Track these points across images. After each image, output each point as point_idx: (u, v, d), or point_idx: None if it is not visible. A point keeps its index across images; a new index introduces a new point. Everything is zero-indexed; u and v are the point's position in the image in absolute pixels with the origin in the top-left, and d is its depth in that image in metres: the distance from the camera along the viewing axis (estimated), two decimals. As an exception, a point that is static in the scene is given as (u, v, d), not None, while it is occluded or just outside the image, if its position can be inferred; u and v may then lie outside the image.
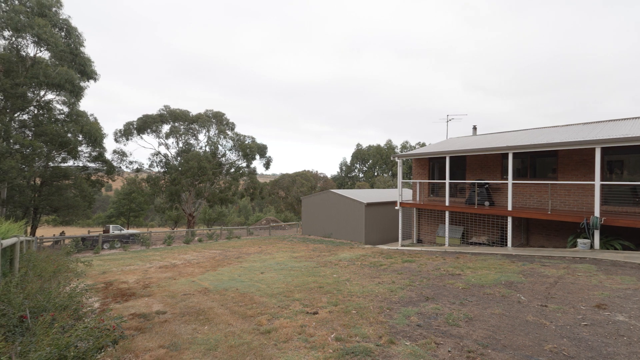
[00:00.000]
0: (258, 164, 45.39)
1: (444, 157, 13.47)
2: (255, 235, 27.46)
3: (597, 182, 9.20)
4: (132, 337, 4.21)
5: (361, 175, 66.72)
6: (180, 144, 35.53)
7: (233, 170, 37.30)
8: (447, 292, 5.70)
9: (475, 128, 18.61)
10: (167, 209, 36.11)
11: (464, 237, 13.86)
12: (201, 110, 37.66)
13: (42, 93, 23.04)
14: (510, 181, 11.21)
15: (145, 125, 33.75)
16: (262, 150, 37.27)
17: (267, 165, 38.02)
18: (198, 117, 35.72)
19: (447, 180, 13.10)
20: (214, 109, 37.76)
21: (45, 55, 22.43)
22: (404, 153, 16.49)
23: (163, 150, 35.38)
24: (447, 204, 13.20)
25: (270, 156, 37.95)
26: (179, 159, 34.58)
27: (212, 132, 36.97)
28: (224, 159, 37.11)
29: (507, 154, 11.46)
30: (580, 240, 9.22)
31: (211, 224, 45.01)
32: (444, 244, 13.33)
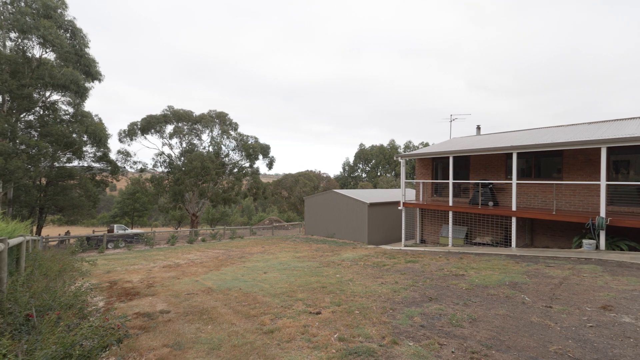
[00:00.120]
0: (261, 164, 45.42)
1: (448, 157, 13.41)
2: (258, 235, 27.52)
3: (603, 182, 9.11)
4: (137, 336, 4.23)
5: (364, 175, 66.61)
6: (184, 144, 35.70)
7: (236, 170, 37.41)
8: (451, 293, 5.67)
9: (479, 128, 18.50)
10: (171, 209, 36.30)
11: (468, 238, 13.79)
12: (204, 111, 37.85)
13: (48, 94, 23.26)
14: (514, 181, 11.13)
15: (149, 125, 33.95)
16: (265, 150, 37.34)
17: (270, 165, 38.09)
18: (201, 118, 35.87)
19: (451, 180, 13.04)
20: (217, 109, 37.94)
21: (50, 56, 22.66)
22: (407, 153, 16.44)
23: (167, 150, 35.63)
24: (451, 204, 13.13)
25: (273, 156, 38.05)
26: (183, 159, 34.74)
27: (216, 132, 37.11)
28: (227, 159, 37.23)
29: (512, 153, 11.39)
30: (585, 241, 9.13)
31: (214, 223, 45.18)
32: (448, 244, 13.27)
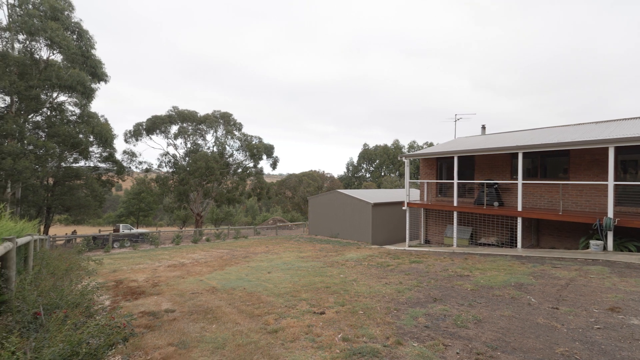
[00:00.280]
0: (265, 164, 45.53)
1: (452, 157, 13.33)
2: (262, 235, 27.60)
3: (611, 182, 9.00)
4: (142, 335, 4.26)
5: (368, 175, 66.47)
6: (189, 145, 35.93)
7: (240, 170, 37.56)
8: (456, 294, 5.64)
9: (484, 127, 18.37)
10: (176, 209, 36.56)
11: (473, 238, 13.70)
12: (209, 111, 38.08)
13: (55, 95, 23.55)
14: (520, 181, 11.03)
15: (154, 126, 34.23)
16: (269, 150, 37.44)
17: (274, 165, 38.17)
18: (206, 118, 36.07)
19: (456, 180, 12.96)
20: (221, 109, 38.14)
21: (57, 57, 22.94)
22: (412, 153, 16.38)
23: (171, 150, 35.84)
24: (456, 204, 13.06)
25: (277, 156, 38.13)
26: (187, 159, 34.97)
27: (220, 133, 37.30)
28: (231, 159, 37.39)
29: (517, 153, 11.29)
30: (592, 242, 9.02)
31: (219, 223, 45.39)
32: (452, 245, 13.20)
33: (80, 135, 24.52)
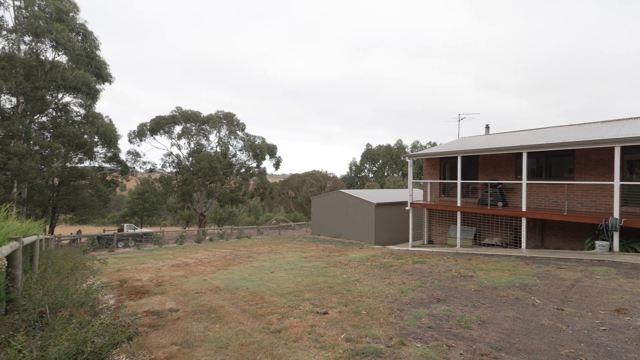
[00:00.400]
0: (268, 164, 45.66)
1: (456, 157, 13.26)
2: (265, 235, 27.65)
3: (617, 182, 8.90)
4: (146, 334, 4.29)
5: (371, 175, 66.35)
6: (192, 145, 36.09)
7: (243, 170, 37.67)
8: (459, 294, 5.61)
9: (487, 127, 18.27)
10: (179, 209, 36.73)
11: (476, 239, 13.62)
12: (212, 111, 38.18)
13: (60, 96, 23.77)
14: (524, 181, 10.95)
15: (158, 126, 34.42)
16: (272, 150, 37.51)
17: (277, 165, 38.24)
18: (209, 118, 36.21)
19: (459, 181, 12.89)
20: (224, 109, 38.29)
21: (62, 59, 23.14)
22: (415, 153, 16.32)
23: (175, 150, 36.04)
24: (459, 204, 12.99)
25: (280, 156, 38.20)
26: (191, 159, 35.13)
27: (223, 133, 37.42)
28: (234, 159, 37.51)
29: (521, 153, 11.20)
30: (598, 243, 8.94)
31: (222, 223, 45.55)
32: (456, 245, 13.13)
33: (85, 136, 24.71)
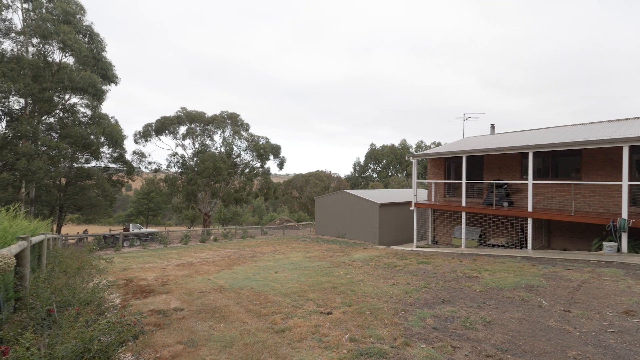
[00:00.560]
0: (272, 164, 45.74)
1: (461, 157, 13.18)
2: (269, 235, 27.72)
3: (625, 182, 8.78)
4: (152, 333, 4.33)
5: (375, 175, 66.19)
6: (197, 145, 36.31)
7: (247, 170, 37.81)
8: (464, 295, 5.57)
9: (493, 127, 18.13)
10: (184, 209, 36.99)
11: (482, 239, 13.52)
12: (216, 112, 38.42)
13: (67, 97, 24.06)
14: (530, 181, 10.85)
15: (163, 126, 34.68)
16: (276, 150, 37.59)
17: (281, 165, 38.32)
18: (213, 119, 36.41)
19: (464, 181, 12.81)
20: (228, 110, 38.46)
21: (69, 60, 23.43)
22: (419, 153, 16.25)
23: (180, 151, 36.29)
24: (464, 204, 12.91)
25: (283, 156, 38.27)
26: (195, 159, 35.34)
27: (227, 133, 37.60)
28: (238, 159, 37.66)
29: (527, 153, 11.10)
30: (606, 243, 8.82)
31: (226, 223, 45.75)
32: (461, 246, 13.05)
33: (92, 136, 25.00)
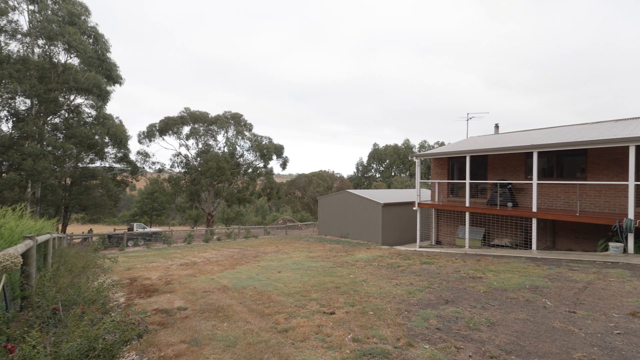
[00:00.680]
0: (275, 164, 45.90)
1: (464, 157, 13.11)
2: (272, 235, 27.76)
3: (631, 182, 8.69)
4: (156, 332, 4.35)
5: (378, 175, 66.05)
6: (200, 145, 36.47)
7: (250, 170, 37.91)
8: (468, 296, 5.54)
9: (497, 126, 18.02)
10: (188, 208, 37.16)
11: (485, 239, 13.44)
12: (220, 112, 38.55)
13: (72, 97, 24.27)
14: (535, 181, 10.76)
15: (166, 127, 34.88)
16: (279, 150, 37.65)
17: (284, 165, 38.38)
18: (217, 119, 36.55)
19: (468, 181, 12.74)
20: (232, 110, 38.63)
21: (74, 61, 23.63)
22: (423, 153, 16.18)
23: (183, 151, 36.48)
24: (468, 204, 12.84)
25: (286, 156, 38.33)
26: (199, 159, 35.50)
27: (230, 133, 37.73)
28: (241, 159, 37.78)
29: (532, 153, 11.02)
30: (612, 244, 8.74)
31: (229, 223, 45.90)
32: (464, 246, 12.98)
33: (96, 137, 25.19)
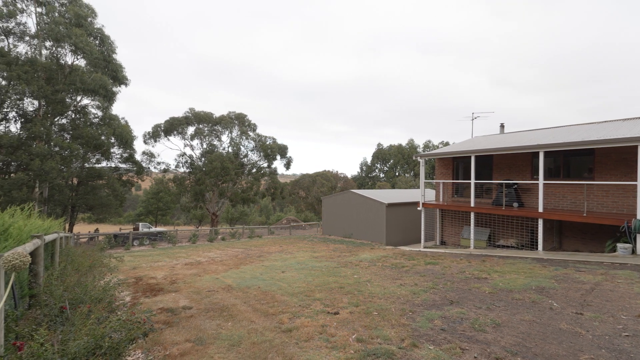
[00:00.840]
0: (279, 164, 46.01)
1: (469, 157, 13.02)
2: (276, 235, 27.82)
3: (640, 183, 8.56)
4: (161, 331, 4.38)
5: (382, 175, 65.86)
6: (205, 145, 36.68)
7: (254, 170, 38.04)
8: (473, 296, 5.50)
9: (502, 126, 17.87)
10: (192, 208, 37.40)
11: (491, 240, 13.34)
12: (224, 112, 38.78)
13: (79, 98, 24.56)
14: (541, 181, 10.65)
15: (171, 127, 35.13)
16: (283, 150, 37.73)
17: (288, 165, 38.45)
18: (221, 119, 36.72)
19: (473, 181, 12.65)
20: (236, 110, 38.80)
21: (81, 62, 23.92)
22: (427, 152, 16.10)
23: (188, 151, 36.70)
24: (473, 204, 12.75)
25: (290, 156, 38.40)
26: (203, 159, 35.70)
27: (235, 134, 37.88)
28: (245, 159, 37.91)
29: (538, 152, 10.90)
30: (620, 245, 8.61)
31: (233, 223, 46.09)
32: (469, 247, 12.89)
33: (102, 137, 25.46)
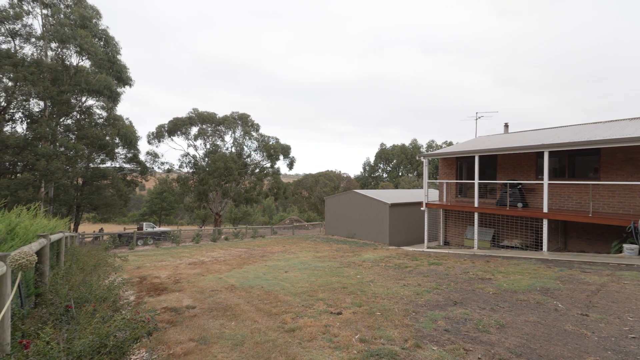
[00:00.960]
0: (282, 164, 46.02)
1: (473, 157, 12.95)
2: (279, 235, 27.86)
3: (646, 183, 8.46)
4: (165, 330, 4.41)
5: (385, 175, 65.73)
6: (208, 145, 36.84)
7: (258, 170, 38.14)
8: (477, 297, 5.47)
9: (507, 125, 17.76)
10: (196, 208, 37.57)
11: (495, 240, 13.26)
12: (227, 112, 38.88)
13: (84, 99, 24.77)
14: (545, 181, 10.57)
15: (175, 127, 35.33)
16: (286, 150, 37.79)
17: (291, 165, 38.50)
18: (224, 119, 36.87)
19: (477, 181, 12.58)
20: (239, 110, 38.90)
21: (86, 63, 24.12)
22: (430, 152, 16.04)
23: (192, 151, 36.89)
24: (477, 205, 12.68)
25: (293, 156, 38.47)
26: (207, 159, 35.86)
27: (238, 134, 38.02)
28: (249, 159, 38.03)
29: (543, 152, 10.82)
30: (626, 246, 8.52)
31: (237, 222, 46.23)
32: (473, 247, 12.82)
33: (107, 137, 25.67)
